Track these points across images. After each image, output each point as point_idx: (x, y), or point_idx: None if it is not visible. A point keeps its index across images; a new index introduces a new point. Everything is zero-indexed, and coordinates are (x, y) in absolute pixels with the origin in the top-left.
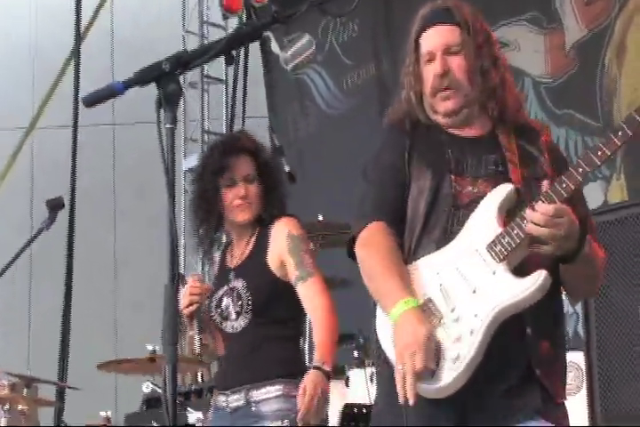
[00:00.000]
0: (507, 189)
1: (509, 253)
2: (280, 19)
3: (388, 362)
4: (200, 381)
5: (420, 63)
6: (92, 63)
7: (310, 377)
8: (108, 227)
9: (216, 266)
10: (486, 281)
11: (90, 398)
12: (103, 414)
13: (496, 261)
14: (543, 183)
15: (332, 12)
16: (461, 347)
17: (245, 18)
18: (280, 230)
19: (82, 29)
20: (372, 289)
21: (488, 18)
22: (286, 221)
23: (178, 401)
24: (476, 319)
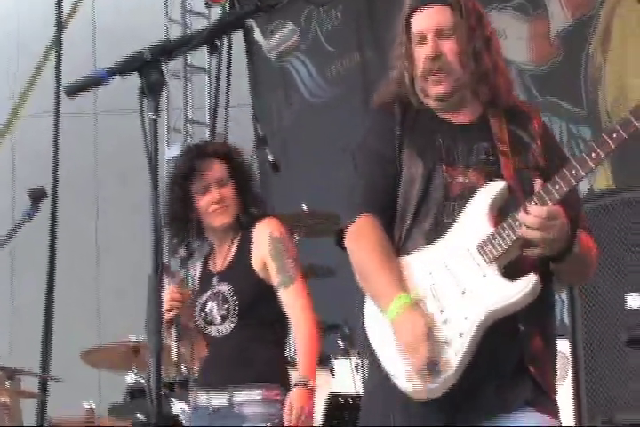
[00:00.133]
0: (499, 187)
1: (500, 255)
2: (263, 8)
3: (376, 362)
4: (184, 372)
5: (412, 44)
6: (74, 51)
7: (296, 395)
8: (90, 215)
9: (198, 272)
10: (476, 283)
11: (73, 390)
12: (86, 405)
13: (486, 261)
14: (536, 182)
15: (315, 1)
16: (450, 351)
17: (228, 7)
18: (262, 233)
19: (63, 17)
20: (364, 287)
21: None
22: (267, 223)
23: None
24: (465, 322)
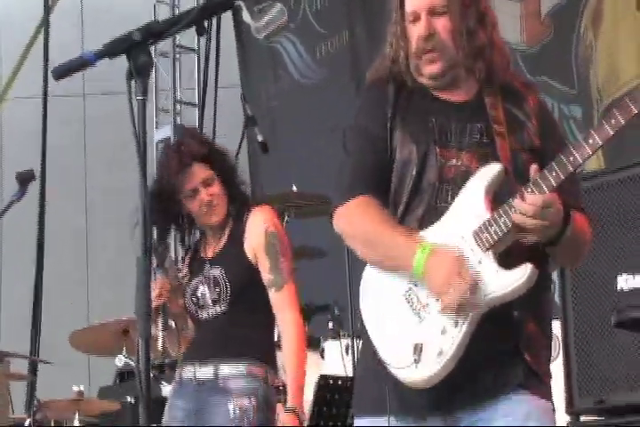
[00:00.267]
0: (495, 170)
1: (496, 242)
2: None
3: (372, 348)
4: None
5: (405, 22)
6: (62, 33)
7: (287, 421)
8: (78, 197)
9: (188, 258)
10: (472, 271)
11: (63, 372)
12: (76, 388)
13: (482, 249)
14: (531, 167)
15: None
16: (445, 340)
17: None
18: (257, 223)
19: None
20: (374, 254)
21: None
22: (262, 212)
23: (151, 374)
24: None
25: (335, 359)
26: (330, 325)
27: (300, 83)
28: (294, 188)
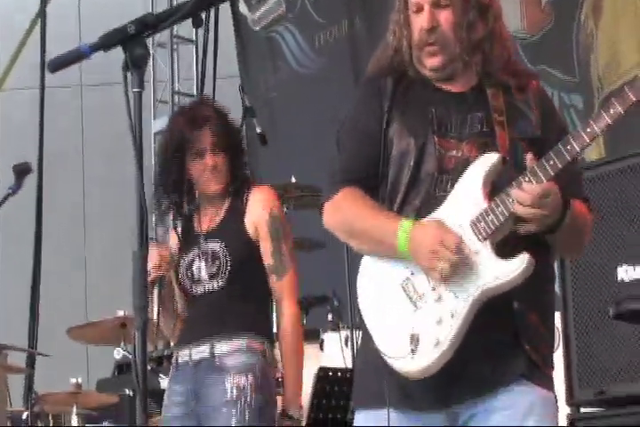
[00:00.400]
0: (493, 159)
1: (493, 232)
2: None
3: (371, 340)
4: (173, 345)
5: (409, 11)
6: (59, 24)
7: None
8: (76, 190)
9: (179, 232)
10: (469, 260)
11: (61, 365)
12: (73, 380)
13: (479, 238)
14: (527, 156)
15: None
16: (441, 331)
17: None
18: (260, 201)
19: None
20: (361, 244)
21: None
22: (266, 193)
23: (149, 367)
24: (457, 301)
25: (334, 351)
26: (329, 317)
27: (299, 73)
28: (293, 179)
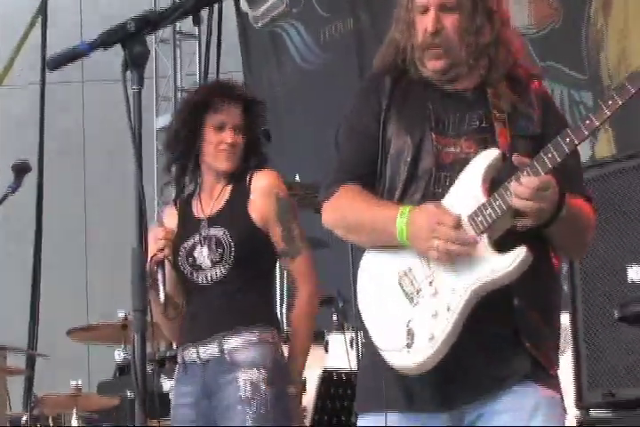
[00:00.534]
0: (493, 155)
1: (490, 225)
2: None
3: (369, 338)
4: (175, 347)
5: (414, 11)
6: (60, 20)
7: None
8: (77, 187)
9: (175, 217)
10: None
11: (62, 366)
12: (74, 382)
13: (476, 232)
14: (513, 159)
15: None
16: (436, 325)
17: None
18: (265, 185)
19: None
20: (360, 234)
21: None
22: (270, 176)
23: (151, 369)
24: (453, 295)
25: (339, 353)
26: (334, 317)
27: (304, 69)
28: (297, 177)
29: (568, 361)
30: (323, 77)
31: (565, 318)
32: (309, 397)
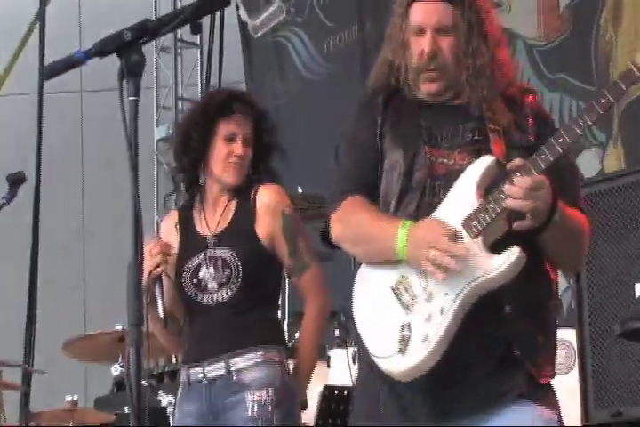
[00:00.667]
0: (487, 163)
1: (484, 229)
2: None
3: (363, 347)
4: (174, 361)
5: (409, 32)
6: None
7: None
8: (75, 198)
9: (174, 230)
10: (460, 259)
11: (59, 381)
12: (69, 397)
13: (471, 236)
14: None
15: None
16: (430, 327)
17: None
18: (270, 201)
19: None
20: (365, 248)
21: None
22: (274, 191)
23: (149, 384)
24: (446, 298)
25: (342, 368)
26: (336, 332)
27: (307, 79)
28: (300, 189)
29: (575, 379)
30: (326, 87)
31: (572, 335)
32: (310, 414)
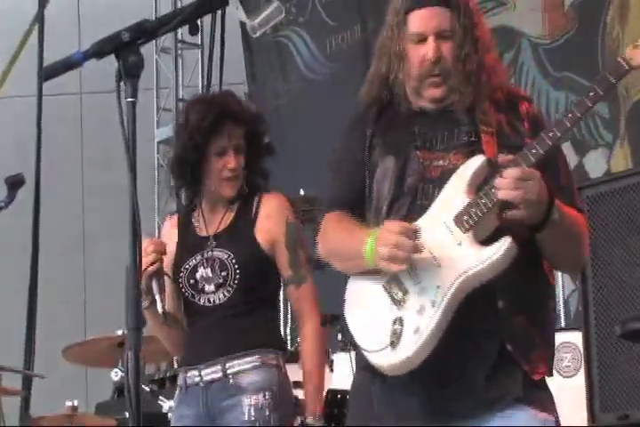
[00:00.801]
0: (478, 162)
1: (476, 223)
2: None
3: (359, 351)
4: (176, 366)
5: (406, 41)
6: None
7: None
8: (75, 201)
9: (173, 232)
10: (451, 252)
11: (59, 386)
12: (69, 403)
13: (462, 231)
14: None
15: None
16: (422, 319)
17: None
18: (274, 209)
19: None
20: (342, 261)
21: None
22: (279, 200)
23: (150, 389)
24: (439, 291)
25: (345, 372)
26: (339, 336)
27: (310, 79)
28: (302, 192)
29: (581, 382)
30: (329, 87)
31: (578, 338)
32: None
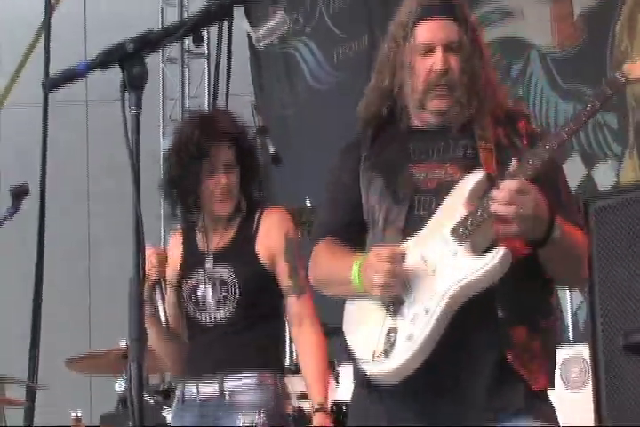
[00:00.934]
0: (477, 177)
1: (471, 234)
2: None
3: (356, 363)
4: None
5: (412, 53)
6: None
7: (319, 421)
8: (80, 210)
9: (178, 247)
10: (446, 262)
11: (63, 397)
12: (73, 414)
13: (458, 242)
14: (512, 163)
15: None
16: (415, 327)
17: None
18: (275, 224)
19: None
20: (335, 290)
21: None
22: (281, 215)
23: (155, 401)
24: (432, 299)
25: (350, 384)
26: (345, 348)
27: (316, 89)
28: (308, 202)
29: (589, 395)
30: (335, 97)
31: (586, 350)
32: None
